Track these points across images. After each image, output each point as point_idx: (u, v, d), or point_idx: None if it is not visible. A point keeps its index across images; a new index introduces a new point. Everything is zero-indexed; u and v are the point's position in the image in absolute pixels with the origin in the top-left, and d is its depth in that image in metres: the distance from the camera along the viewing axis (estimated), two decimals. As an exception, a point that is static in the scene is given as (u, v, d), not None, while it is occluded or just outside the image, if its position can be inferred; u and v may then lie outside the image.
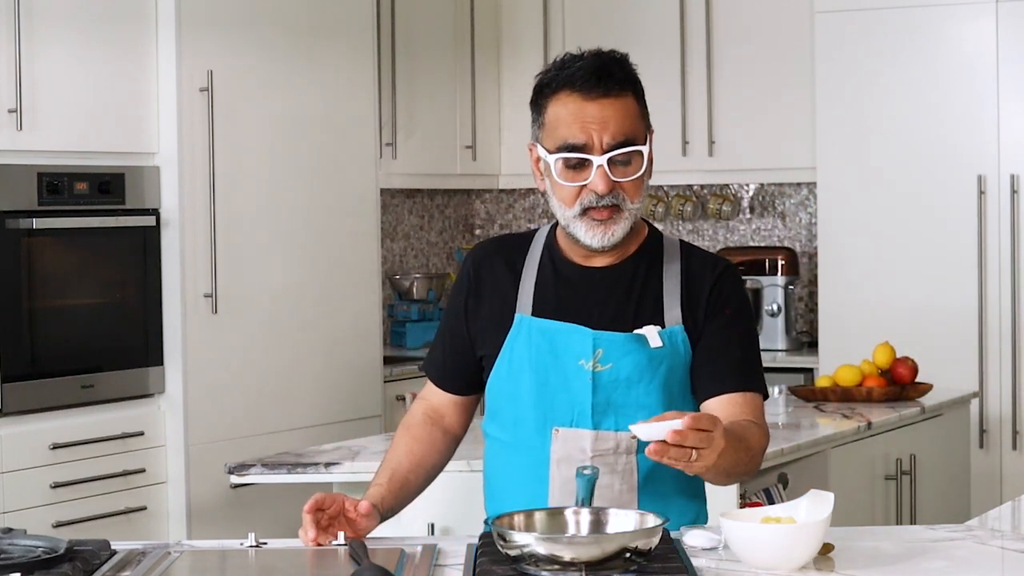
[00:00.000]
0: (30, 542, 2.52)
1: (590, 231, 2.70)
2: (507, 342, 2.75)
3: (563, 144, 2.68)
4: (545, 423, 2.74)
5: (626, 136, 2.70)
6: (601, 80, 2.68)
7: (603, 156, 2.67)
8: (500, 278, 2.80)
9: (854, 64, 6.14)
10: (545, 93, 2.73)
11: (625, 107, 2.71)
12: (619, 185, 2.70)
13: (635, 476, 2.73)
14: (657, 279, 2.78)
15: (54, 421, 4.93)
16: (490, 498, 2.87)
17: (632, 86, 2.74)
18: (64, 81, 4.95)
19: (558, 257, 2.80)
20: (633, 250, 2.80)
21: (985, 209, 5.97)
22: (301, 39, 5.65)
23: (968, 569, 2.54)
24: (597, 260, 2.78)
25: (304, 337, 5.65)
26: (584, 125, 2.67)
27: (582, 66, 2.70)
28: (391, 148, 6.31)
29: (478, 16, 6.80)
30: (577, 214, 2.70)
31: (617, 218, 2.71)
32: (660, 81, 6.68)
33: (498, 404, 2.80)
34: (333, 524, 2.66)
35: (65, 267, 5.02)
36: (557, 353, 2.73)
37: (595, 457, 2.71)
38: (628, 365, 2.72)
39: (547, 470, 2.73)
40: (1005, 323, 5.97)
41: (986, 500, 5.61)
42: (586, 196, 2.69)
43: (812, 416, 4.68)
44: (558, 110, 2.70)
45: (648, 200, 7.06)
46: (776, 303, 6.61)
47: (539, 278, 2.79)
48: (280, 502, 5.44)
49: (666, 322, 2.75)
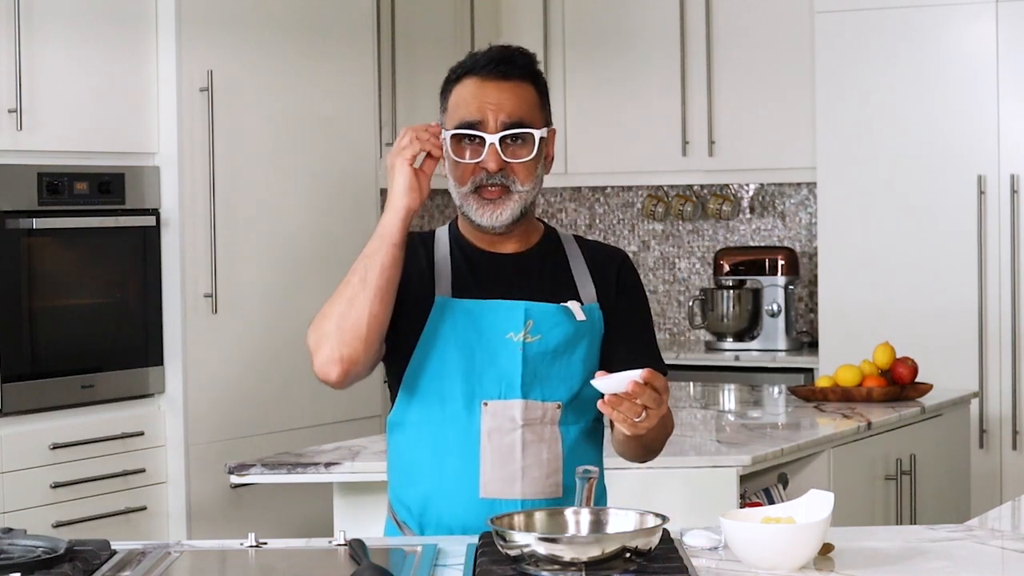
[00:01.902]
0: (30, 542, 2.52)
1: (480, 209, 2.79)
2: (428, 324, 2.81)
3: (460, 122, 2.79)
4: (473, 397, 2.80)
5: (520, 118, 2.78)
6: (500, 65, 2.80)
7: (496, 135, 2.76)
8: (415, 267, 2.84)
9: (854, 64, 6.14)
10: (451, 80, 2.85)
11: (523, 93, 2.81)
12: (510, 167, 2.78)
13: (559, 445, 2.81)
14: (564, 264, 2.89)
15: (54, 421, 4.93)
16: (411, 483, 2.85)
17: (532, 78, 2.83)
18: (64, 81, 4.95)
19: (466, 245, 2.88)
20: (536, 240, 2.89)
21: (985, 209, 5.97)
22: (301, 39, 5.65)
23: (968, 569, 2.55)
24: (504, 246, 2.86)
25: (304, 337, 5.64)
26: (481, 105, 2.78)
27: (486, 54, 2.82)
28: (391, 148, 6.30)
29: (478, 16, 6.80)
30: (469, 191, 2.79)
31: (506, 199, 2.79)
32: (660, 81, 6.69)
33: (420, 386, 2.83)
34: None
35: (65, 267, 5.02)
36: (481, 329, 2.80)
37: (524, 426, 2.79)
38: (557, 336, 2.81)
39: (477, 443, 2.80)
40: (1005, 323, 5.97)
41: (986, 500, 5.61)
42: (478, 174, 2.78)
43: (812, 416, 4.68)
44: (460, 92, 2.81)
45: (648, 200, 7.09)
46: (776, 303, 6.61)
47: (453, 264, 2.86)
48: (280, 502, 5.44)
49: (583, 300, 2.85)
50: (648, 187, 7.11)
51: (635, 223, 7.18)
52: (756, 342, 6.65)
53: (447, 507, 2.80)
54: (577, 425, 2.83)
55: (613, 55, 6.76)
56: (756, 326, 6.66)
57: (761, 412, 5.01)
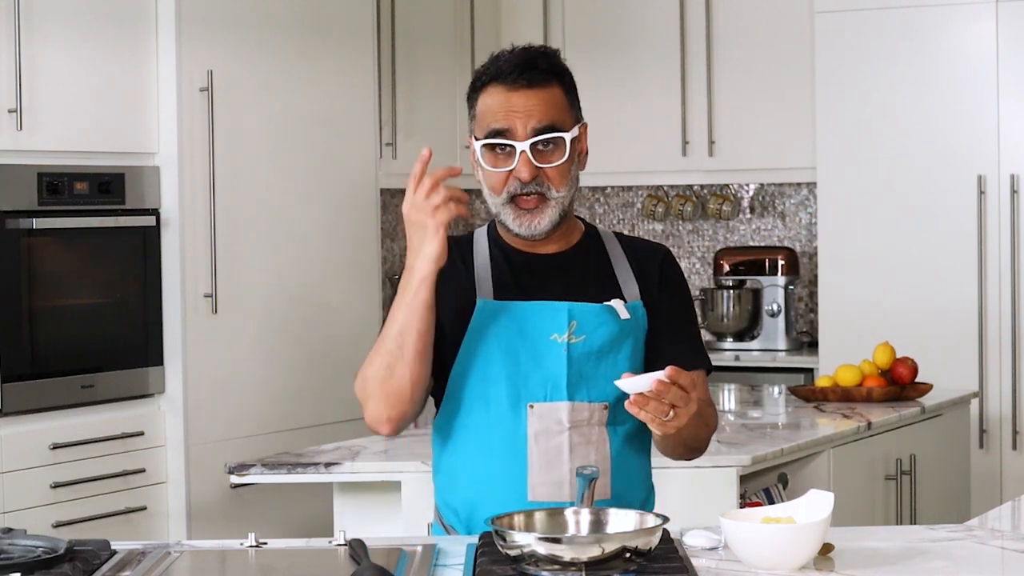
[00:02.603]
0: (30, 542, 2.51)
1: (517, 219, 2.78)
2: (471, 327, 2.79)
3: (489, 131, 2.78)
4: (519, 400, 2.78)
5: (550, 123, 2.76)
6: (525, 71, 2.77)
7: (526, 142, 2.75)
8: (453, 271, 2.83)
9: (854, 64, 6.14)
10: (476, 87, 2.83)
11: (550, 96, 2.78)
12: (543, 173, 2.77)
13: (608, 447, 2.79)
14: (606, 262, 2.87)
15: (54, 421, 4.93)
16: (458, 487, 2.83)
17: (559, 77, 2.81)
18: (64, 81, 4.95)
19: (506, 247, 2.87)
20: (576, 239, 2.88)
21: (985, 209, 5.97)
22: (301, 39, 5.65)
23: (968, 569, 2.54)
24: (544, 247, 2.85)
25: (304, 337, 5.65)
26: (508, 113, 2.76)
27: (509, 59, 2.79)
28: (391, 148, 6.31)
29: (478, 16, 6.80)
30: (505, 201, 2.79)
31: (543, 207, 2.77)
32: (660, 81, 6.69)
33: (464, 389, 2.81)
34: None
35: (65, 267, 5.02)
36: (525, 331, 2.78)
37: (571, 428, 2.77)
38: (601, 336, 2.79)
39: (524, 446, 2.77)
40: (1005, 323, 5.97)
41: (986, 500, 5.61)
42: (512, 183, 2.77)
43: (812, 416, 4.68)
44: (487, 100, 2.79)
45: (648, 200, 7.08)
46: (776, 303, 6.61)
47: (493, 267, 2.84)
48: (280, 502, 5.44)
49: (626, 298, 2.83)
50: (648, 187, 7.11)
51: (635, 223, 7.18)
52: (756, 342, 6.65)
53: (495, 511, 2.73)
54: (625, 426, 2.80)
55: (613, 55, 6.76)
56: (756, 326, 6.66)
57: (761, 412, 5.01)
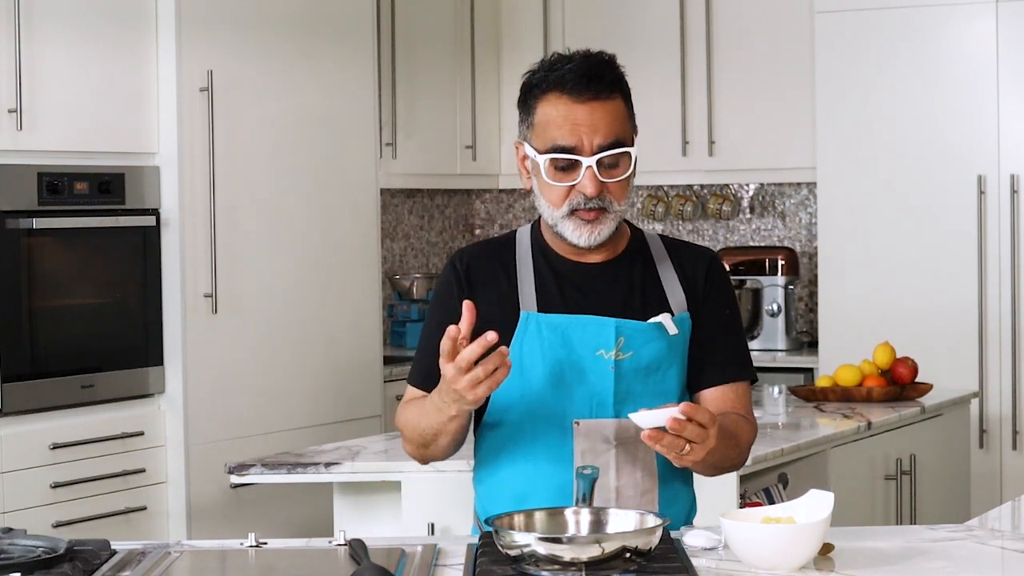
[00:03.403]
0: (30, 542, 2.52)
1: (577, 230, 2.74)
2: (515, 340, 2.74)
3: (553, 145, 2.71)
4: (565, 416, 2.74)
5: (615, 138, 2.72)
6: (591, 83, 2.71)
7: (592, 158, 2.70)
8: (494, 279, 2.80)
9: (854, 64, 6.14)
10: (535, 94, 2.75)
11: (614, 110, 2.73)
12: (606, 187, 2.73)
13: (654, 463, 2.76)
14: (653, 272, 2.83)
15: (54, 421, 4.93)
16: (503, 501, 2.78)
17: (620, 88, 2.76)
18: (64, 81, 4.95)
19: (551, 254, 2.82)
20: (623, 247, 2.85)
21: (985, 209, 5.97)
22: (301, 39, 5.65)
23: (968, 569, 2.54)
24: (591, 256, 2.81)
25: (304, 337, 5.65)
26: (574, 127, 2.70)
27: (572, 68, 2.72)
28: (391, 148, 6.31)
29: (478, 16, 6.80)
30: (565, 214, 2.74)
31: (603, 219, 2.74)
32: (660, 81, 6.69)
33: (508, 403, 2.77)
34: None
35: (65, 267, 5.02)
36: (571, 346, 2.74)
37: (618, 446, 2.73)
38: (649, 353, 2.75)
39: (571, 462, 2.73)
40: (1005, 323, 5.97)
41: (986, 500, 5.61)
42: (575, 197, 2.73)
43: (812, 416, 4.68)
44: (548, 111, 2.73)
45: (648, 200, 7.08)
46: (776, 303, 6.61)
47: (537, 276, 2.80)
48: (280, 502, 5.44)
49: (673, 309, 2.80)
50: (648, 187, 7.10)
51: (635, 223, 7.18)
52: (756, 342, 6.65)
53: None
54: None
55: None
56: (756, 326, 6.66)
57: (761, 412, 5.00)
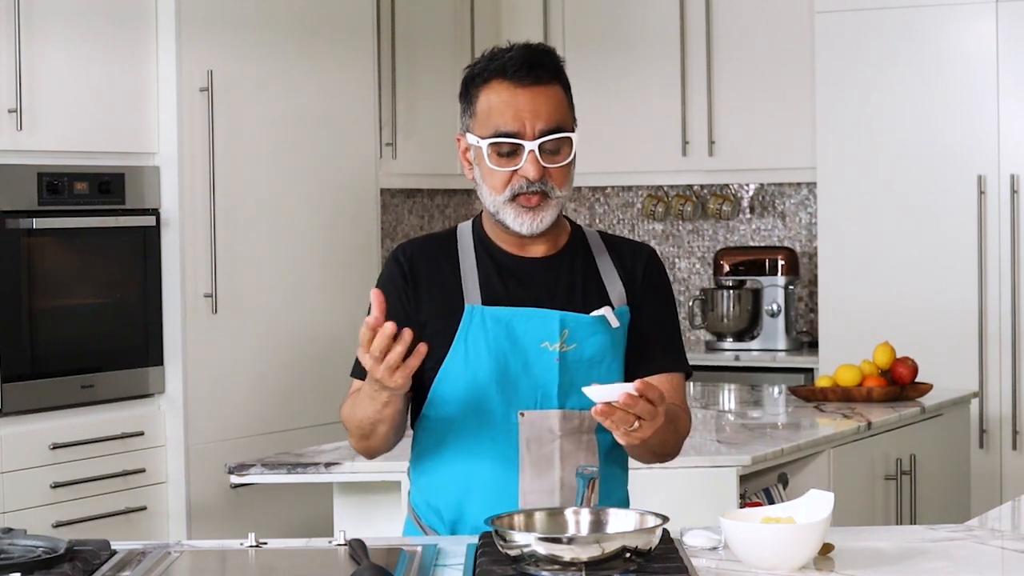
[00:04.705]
0: (30, 542, 2.51)
1: (519, 217, 2.76)
2: (459, 333, 2.77)
3: (496, 131, 2.75)
4: (509, 407, 2.77)
5: (557, 124, 2.76)
6: (532, 69, 2.75)
7: (534, 142, 2.73)
8: (438, 272, 2.82)
9: (854, 64, 6.14)
10: (476, 83, 2.81)
11: (555, 96, 2.77)
12: (548, 172, 2.76)
13: (597, 453, 2.81)
14: (593, 266, 2.86)
15: (54, 421, 4.93)
16: (445, 491, 2.82)
17: (560, 78, 2.80)
18: (64, 81, 4.95)
19: (493, 248, 2.85)
20: (564, 241, 2.87)
21: (985, 209, 5.97)
22: (301, 39, 5.65)
23: (968, 569, 2.54)
24: (533, 250, 2.84)
25: (304, 337, 5.65)
26: (517, 113, 2.74)
27: (513, 56, 2.77)
28: (391, 148, 6.31)
29: (478, 16, 6.80)
30: (507, 200, 2.76)
31: (545, 205, 2.76)
32: (660, 81, 6.69)
33: (452, 395, 2.79)
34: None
35: (65, 267, 5.02)
36: (516, 338, 2.77)
37: (563, 436, 2.77)
38: (593, 345, 2.79)
39: (516, 453, 2.77)
40: (1005, 323, 5.97)
41: (986, 500, 5.61)
42: (517, 182, 2.75)
43: (812, 416, 4.68)
44: (490, 98, 2.77)
45: (648, 200, 7.08)
46: (776, 303, 6.61)
47: (480, 270, 2.82)
48: (280, 502, 5.45)
49: (614, 302, 2.83)
50: (648, 187, 7.11)
51: (635, 223, 7.18)
52: (756, 342, 6.65)
53: (484, 517, 2.73)
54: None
55: (613, 55, 6.76)
56: (756, 326, 6.66)
57: (761, 412, 5.01)
